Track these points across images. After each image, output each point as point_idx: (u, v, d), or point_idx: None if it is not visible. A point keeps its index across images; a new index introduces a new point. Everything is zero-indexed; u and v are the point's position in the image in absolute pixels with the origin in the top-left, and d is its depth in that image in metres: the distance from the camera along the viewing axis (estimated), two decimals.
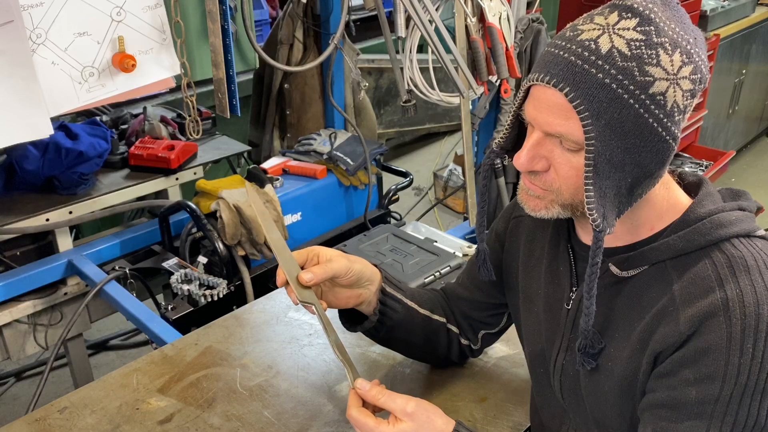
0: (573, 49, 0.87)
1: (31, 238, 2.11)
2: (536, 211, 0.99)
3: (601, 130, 0.86)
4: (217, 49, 1.96)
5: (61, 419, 1.26)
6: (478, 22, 2.20)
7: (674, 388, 0.90)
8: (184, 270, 1.96)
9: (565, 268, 1.09)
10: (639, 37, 0.85)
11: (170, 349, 1.47)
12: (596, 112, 0.85)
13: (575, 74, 0.86)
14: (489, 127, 2.57)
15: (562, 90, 0.86)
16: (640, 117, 0.86)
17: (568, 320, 1.08)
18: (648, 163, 0.89)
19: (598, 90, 0.85)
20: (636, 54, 0.84)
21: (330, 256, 1.16)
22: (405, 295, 1.26)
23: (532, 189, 0.97)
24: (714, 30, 4.00)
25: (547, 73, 0.88)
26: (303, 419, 1.26)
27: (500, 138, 1.05)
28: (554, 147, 0.92)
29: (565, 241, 1.09)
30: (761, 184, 4.70)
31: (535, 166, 0.93)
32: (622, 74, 0.84)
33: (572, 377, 1.08)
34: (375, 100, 4.70)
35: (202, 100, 2.76)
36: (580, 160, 0.90)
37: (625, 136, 0.87)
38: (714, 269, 0.90)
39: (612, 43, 0.85)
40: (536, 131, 0.93)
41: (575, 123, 0.87)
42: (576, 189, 0.92)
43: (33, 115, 1.68)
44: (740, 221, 0.94)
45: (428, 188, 4.47)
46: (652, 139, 0.88)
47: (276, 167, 2.33)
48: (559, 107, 0.88)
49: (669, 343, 0.91)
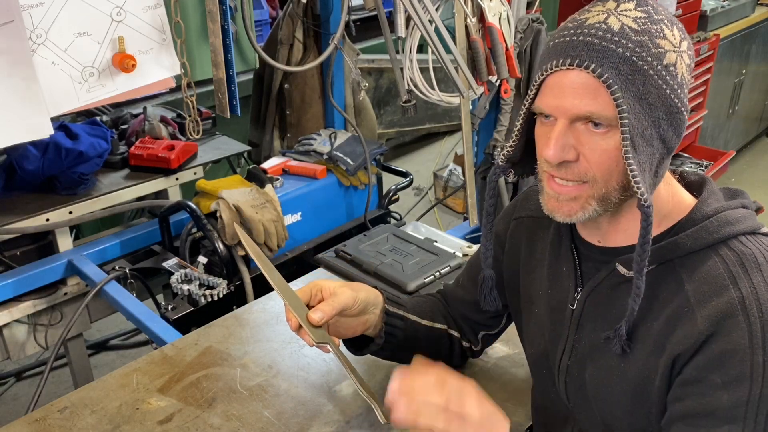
0: (586, 32, 0.88)
1: (31, 238, 2.11)
2: (572, 215, 0.95)
3: (631, 103, 0.87)
4: (217, 49, 1.96)
5: (61, 419, 1.26)
6: (478, 22, 2.20)
7: (704, 395, 0.89)
8: (184, 270, 1.96)
9: (569, 269, 1.08)
10: (642, 15, 0.88)
11: (170, 349, 1.47)
12: (624, 85, 0.86)
13: (597, 51, 0.87)
14: (489, 127, 2.57)
15: (587, 68, 0.86)
16: (660, 88, 0.88)
17: (573, 321, 1.07)
18: (670, 138, 0.91)
19: (622, 63, 0.86)
20: (645, 29, 0.88)
21: (333, 289, 1.13)
22: (406, 311, 1.26)
23: (564, 192, 0.94)
24: (714, 30, 4.00)
25: (564, 57, 0.88)
26: (303, 419, 1.26)
27: (508, 148, 1.02)
28: (580, 134, 0.90)
29: (569, 241, 1.09)
30: (761, 184, 4.70)
31: (567, 155, 0.91)
32: (638, 47, 0.87)
33: (578, 378, 1.07)
34: (375, 100, 4.70)
35: (202, 100, 2.76)
36: (609, 141, 0.89)
37: (651, 109, 0.88)
38: (725, 267, 0.91)
39: (621, 22, 0.88)
40: (560, 120, 0.91)
41: (604, 99, 0.87)
42: (609, 174, 0.91)
43: (33, 115, 1.68)
44: (746, 219, 0.95)
45: (428, 188, 4.47)
46: (671, 111, 0.90)
47: (276, 167, 2.33)
48: (585, 87, 0.88)
49: (688, 345, 0.90)
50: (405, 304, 1.28)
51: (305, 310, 1.10)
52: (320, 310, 1.10)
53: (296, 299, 1.12)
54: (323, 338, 1.09)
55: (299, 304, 1.11)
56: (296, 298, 1.12)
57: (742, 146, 5.14)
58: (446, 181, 4.29)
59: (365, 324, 1.19)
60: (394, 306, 1.24)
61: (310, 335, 1.08)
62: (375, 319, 1.21)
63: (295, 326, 1.10)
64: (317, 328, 1.10)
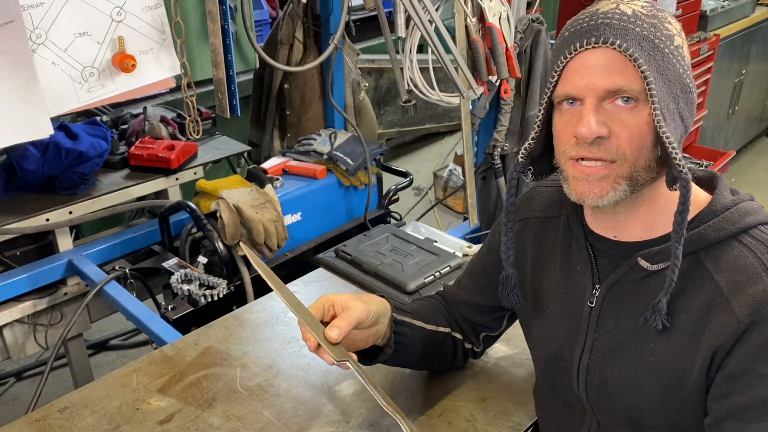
0: (603, 16, 0.92)
1: (31, 238, 2.11)
2: (604, 196, 0.95)
3: (655, 77, 0.90)
4: (217, 49, 1.96)
5: (61, 419, 1.26)
6: (478, 22, 2.20)
7: (753, 387, 0.89)
8: (184, 270, 1.96)
9: (584, 267, 1.08)
10: (647, 4, 0.94)
11: (170, 349, 1.47)
12: (648, 59, 0.90)
13: (618, 30, 0.90)
14: (489, 127, 2.57)
15: (612, 44, 0.90)
16: (675, 66, 0.92)
17: (592, 318, 1.06)
18: (686, 116, 0.95)
19: (642, 40, 0.90)
20: (653, 14, 0.93)
21: (346, 304, 1.12)
22: (412, 317, 1.25)
23: (593, 172, 0.94)
24: (714, 30, 4.00)
25: (590, 37, 0.91)
26: (303, 419, 1.26)
27: (530, 141, 1.02)
28: (609, 112, 0.92)
29: (582, 238, 1.08)
30: (761, 184, 4.70)
31: (602, 130, 0.92)
32: (653, 28, 0.91)
33: (599, 377, 1.06)
34: (375, 100, 4.70)
35: (202, 100, 2.76)
36: (638, 117, 0.91)
37: (670, 85, 0.91)
38: (754, 255, 0.92)
39: (632, 8, 0.92)
40: (588, 99, 0.92)
41: (632, 72, 0.90)
42: (639, 150, 0.92)
43: (33, 115, 1.68)
44: (760, 210, 0.97)
45: (428, 188, 4.47)
46: (685, 89, 0.93)
47: (276, 167, 2.33)
48: (612, 63, 0.91)
49: (728, 336, 0.90)
50: (409, 310, 1.27)
51: (321, 328, 1.08)
52: (336, 326, 1.07)
53: (311, 317, 1.09)
54: (343, 356, 1.07)
55: (314, 322, 1.09)
56: (311, 316, 1.09)
57: (742, 146, 5.13)
58: (446, 181, 4.29)
59: (376, 335, 1.18)
60: (401, 314, 1.23)
61: (330, 354, 1.06)
62: (384, 329, 1.19)
63: (314, 346, 1.07)
64: (335, 345, 1.08)
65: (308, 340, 1.08)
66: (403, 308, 1.25)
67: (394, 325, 1.20)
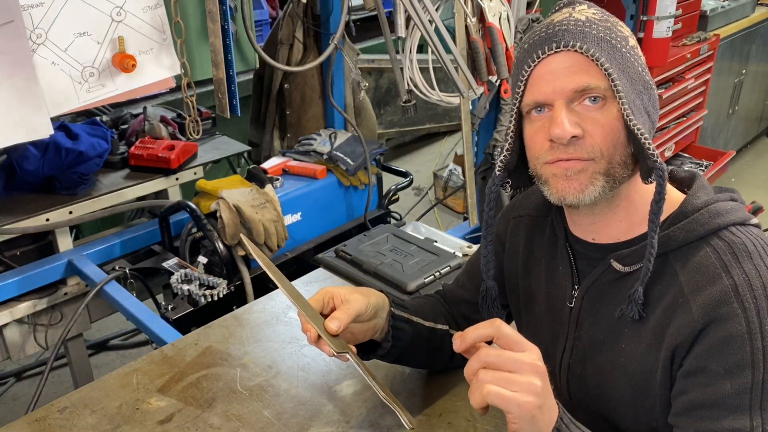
0: (559, 24, 0.95)
1: (31, 238, 2.11)
2: (583, 191, 0.95)
3: (618, 74, 0.92)
4: (217, 49, 1.96)
5: (61, 419, 1.26)
6: (478, 22, 2.20)
7: (707, 385, 0.90)
8: (184, 270, 1.96)
9: (565, 268, 1.09)
10: (597, 11, 0.98)
11: (170, 349, 1.47)
12: (609, 58, 0.92)
13: (577, 34, 0.93)
14: (489, 127, 2.57)
15: (573, 47, 0.92)
16: (633, 65, 0.95)
17: (572, 319, 1.08)
18: (651, 112, 0.97)
19: (600, 41, 0.93)
20: (605, 19, 0.97)
21: (345, 296, 1.11)
22: (410, 313, 1.24)
23: (571, 166, 0.95)
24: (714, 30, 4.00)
25: (551, 43, 0.94)
26: (303, 419, 1.26)
27: (505, 153, 1.03)
28: (579, 113, 0.94)
29: (564, 240, 1.09)
30: (761, 184, 4.70)
31: (575, 130, 0.93)
32: (607, 30, 0.94)
33: (579, 376, 1.07)
34: (375, 100, 4.70)
35: (202, 100, 2.77)
36: (607, 114, 0.93)
37: (633, 82, 0.94)
38: (717, 256, 0.92)
39: (585, 15, 0.96)
40: (557, 102, 0.94)
41: (596, 71, 0.92)
42: (614, 147, 0.94)
43: (33, 115, 1.68)
44: (735, 210, 0.97)
45: (428, 188, 4.47)
46: (647, 86, 0.96)
47: (276, 167, 2.33)
48: (575, 65, 0.93)
49: (685, 334, 0.91)
50: (408, 306, 1.27)
51: (321, 320, 1.08)
52: (336, 318, 1.07)
53: (311, 309, 1.09)
54: (343, 347, 1.07)
55: (314, 313, 1.09)
56: (311, 308, 1.09)
57: (742, 146, 5.13)
58: (446, 181, 4.29)
59: (374, 328, 1.18)
60: (399, 309, 1.23)
61: (330, 345, 1.06)
62: (382, 323, 1.19)
63: (314, 338, 1.07)
64: (335, 337, 1.07)
65: (308, 332, 1.08)
66: (402, 304, 1.26)
67: (392, 320, 1.20)
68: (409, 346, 1.24)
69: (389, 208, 2.55)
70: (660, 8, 3.21)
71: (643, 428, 1.02)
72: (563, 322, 1.09)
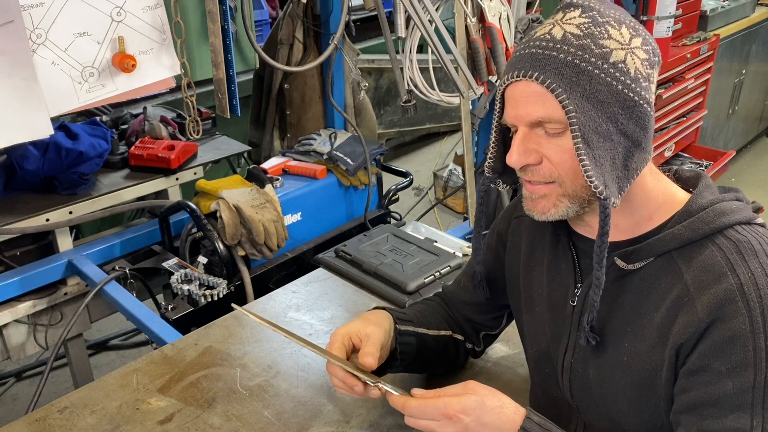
0: (532, 44, 0.94)
1: (31, 238, 2.11)
2: (545, 213, 0.99)
3: (578, 103, 0.90)
4: (217, 49, 1.96)
5: (61, 419, 1.26)
6: (478, 22, 2.20)
7: (709, 384, 0.90)
8: (184, 270, 1.96)
9: (568, 266, 1.09)
10: (585, 21, 0.93)
11: (170, 349, 1.47)
12: (568, 87, 0.90)
13: (539, 61, 0.92)
14: (489, 127, 2.57)
15: (531, 77, 0.92)
16: (610, 85, 0.91)
17: (574, 318, 1.08)
18: (632, 131, 0.94)
19: (564, 67, 0.91)
20: (587, 33, 0.92)
21: (362, 332, 1.14)
22: (414, 325, 1.26)
23: (535, 191, 0.99)
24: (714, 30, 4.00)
25: (514, 70, 0.94)
26: (303, 419, 1.26)
27: (489, 160, 1.07)
28: (540, 138, 0.95)
29: (566, 238, 1.10)
30: (761, 184, 4.70)
31: (528, 159, 0.96)
32: (581, 50, 0.91)
33: (582, 375, 1.07)
34: (375, 100, 4.70)
35: (202, 100, 2.76)
36: (567, 141, 0.93)
37: (602, 105, 0.91)
38: (723, 255, 0.92)
39: (564, 30, 0.93)
40: (520, 128, 0.96)
41: (552, 103, 0.91)
42: (574, 173, 0.94)
43: (33, 115, 1.68)
44: (740, 210, 0.97)
45: (428, 188, 4.47)
46: (628, 105, 0.92)
47: (276, 167, 2.33)
48: (533, 95, 0.93)
49: (690, 333, 0.91)
50: (411, 317, 1.27)
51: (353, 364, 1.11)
52: (369, 354, 1.10)
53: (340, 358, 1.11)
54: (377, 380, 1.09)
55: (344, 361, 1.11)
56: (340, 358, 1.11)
57: (742, 146, 5.13)
58: (446, 181, 4.29)
59: (386, 351, 1.19)
60: (404, 324, 1.24)
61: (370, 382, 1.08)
62: (390, 341, 1.21)
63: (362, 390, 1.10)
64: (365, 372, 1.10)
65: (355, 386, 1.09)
66: (405, 317, 1.26)
67: (399, 337, 1.21)
68: (415, 358, 1.25)
69: (389, 208, 2.54)
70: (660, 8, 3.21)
71: (647, 427, 1.02)
72: (565, 321, 1.09)
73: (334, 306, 1.66)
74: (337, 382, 1.12)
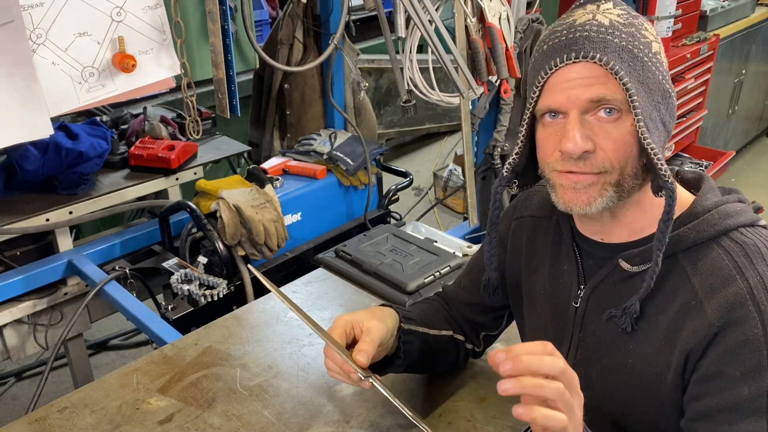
0: (581, 29, 0.92)
1: (31, 238, 2.11)
2: (591, 204, 0.95)
3: (636, 87, 0.90)
4: (217, 49, 1.96)
5: (61, 419, 1.26)
6: (478, 22, 2.20)
7: (724, 390, 0.89)
8: (184, 270, 1.96)
9: (571, 267, 1.09)
10: (622, 12, 0.94)
11: (170, 349, 1.47)
12: (627, 70, 0.90)
13: (597, 43, 0.90)
14: (489, 127, 2.57)
15: (593, 58, 0.90)
16: (654, 74, 0.92)
17: (577, 318, 1.07)
18: (668, 122, 0.95)
19: (621, 51, 0.90)
20: (629, 22, 0.93)
21: (365, 324, 1.12)
22: (417, 324, 1.25)
23: (581, 180, 0.94)
24: (714, 30, 4.00)
25: (570, 52, 0.91)
26: (303, 419, 1.26)
27: (514, 156, 1.02)
28: (592, 125, 0.92)
29: (570, 239, 1.09)
30: (761, 184, 4.70)
31: (586, 145, 0.92)
32: (630, 37, 0.91)
33: (584, 377, 1.06)
34: (375, 100, 4.70)
35: (202, 100, 2.76)
36: (621, 128, 0.91)
37: (651, 93, 0.92)
38: (730, 258, 0.92)
39: (609, 17, 0.92)
40: (572, 112, 0.92)
41: (614, 84, 0.90)
42: (625, 160, 0.92)
43: (33, 115, 1.68)
44: (744, 212, 0.96)
45: (428, 188, 4.47)
46: (665, 95, 0.94)
47: (276, 167, 2.33)
48: (593, 76, 0.91)
49: (700, 337, 0.91)
50: (414, 316, 1.26)
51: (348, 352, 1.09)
52: (362, 351, 1.07)
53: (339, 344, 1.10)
54: (369, 374, 1.08)
55: (342, 348, 1.10)
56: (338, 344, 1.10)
57: (742, 146, 5.13)
58: (446, 181, 4.29)
59: (388, 348, 1.18)
60: (408, 323, 1.23)
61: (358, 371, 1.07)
62: (393, 339, 1.20)
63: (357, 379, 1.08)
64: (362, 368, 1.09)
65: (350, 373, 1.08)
66: (409, 316, 1.25)
67: (402, 336, 1.20)
68: (417, 357, 1.24)
69: (389, 208, 2.54)
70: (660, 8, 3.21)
71: (649, 429, 1.01)
72: (568, 323, 1.09)
73: (334, 306, 1.66)
74: (331, 365, 1.10)
